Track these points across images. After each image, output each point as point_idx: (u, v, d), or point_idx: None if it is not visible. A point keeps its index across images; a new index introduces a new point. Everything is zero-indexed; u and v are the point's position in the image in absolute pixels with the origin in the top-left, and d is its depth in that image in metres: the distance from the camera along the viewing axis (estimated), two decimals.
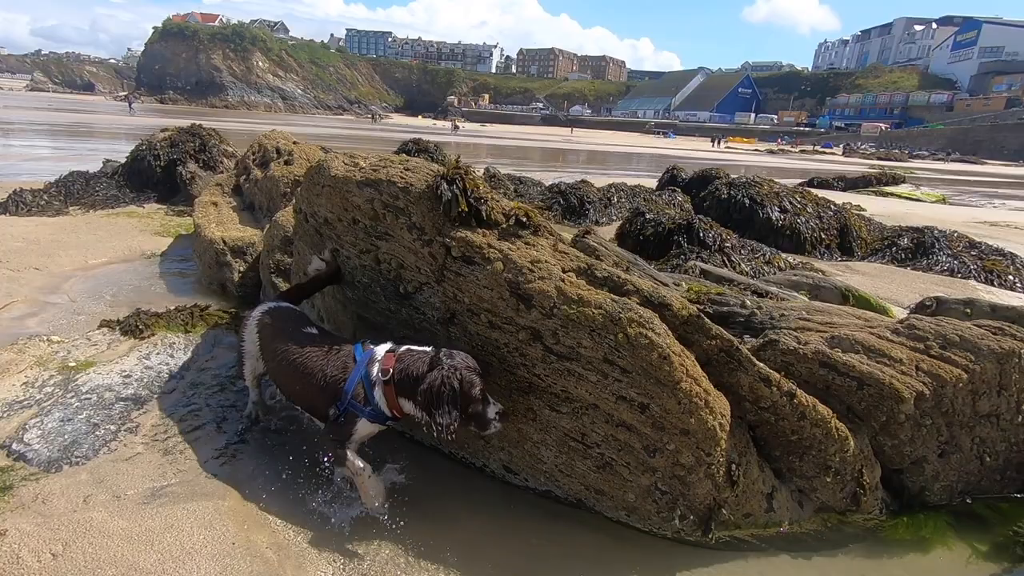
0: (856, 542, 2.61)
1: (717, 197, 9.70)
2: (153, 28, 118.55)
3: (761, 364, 2.30)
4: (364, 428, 2.31)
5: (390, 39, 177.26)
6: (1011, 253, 7.97)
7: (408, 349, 2.31)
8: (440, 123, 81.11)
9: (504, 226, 2.47)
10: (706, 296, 3.74)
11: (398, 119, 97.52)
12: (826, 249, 8.75)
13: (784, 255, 7.71)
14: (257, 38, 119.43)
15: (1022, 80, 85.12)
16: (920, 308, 4.79)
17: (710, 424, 2.14)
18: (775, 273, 6.34)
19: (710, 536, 2.38)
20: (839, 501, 2.60)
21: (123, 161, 9.97)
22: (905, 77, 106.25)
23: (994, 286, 7.13)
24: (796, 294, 5.26)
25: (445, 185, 2.41)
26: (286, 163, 5.95)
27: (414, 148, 11.70)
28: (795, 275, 5.97)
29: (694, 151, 47.28)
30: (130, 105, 54.34)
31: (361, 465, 2.30)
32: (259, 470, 2.60)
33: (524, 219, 2.45)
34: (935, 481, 2.75)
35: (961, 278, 7.37)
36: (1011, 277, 7.27)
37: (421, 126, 65.20)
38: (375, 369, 2.27)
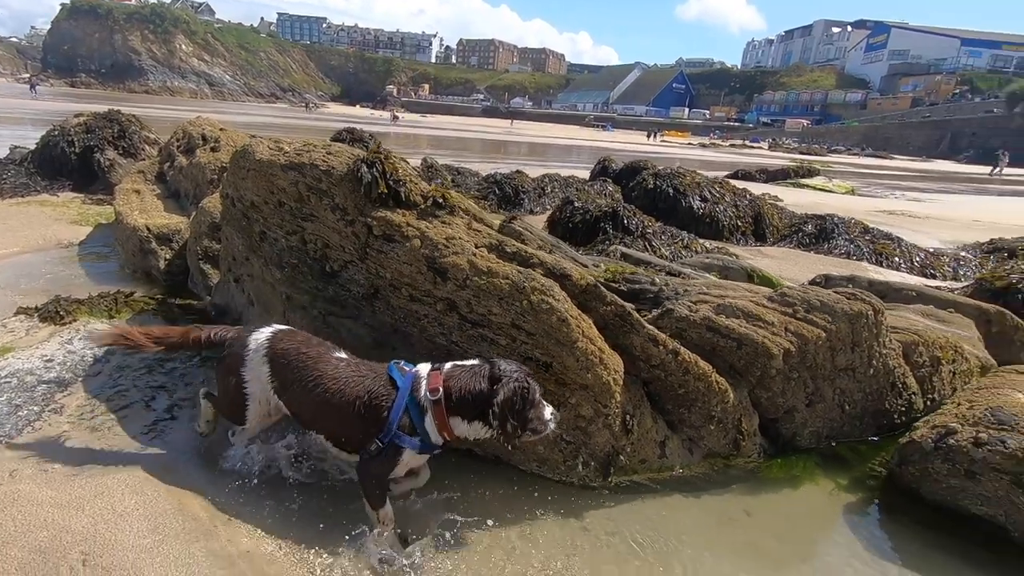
0: (739, 482, 3.00)
1: (644, 187, 10.22)
2: (60, 5, 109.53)
3: (651, 327, 2.63)
4: (409, 460, 2.16)
5: (325, 25, 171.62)
6: (898, 237, 8.88)
7: (455, 365, 2.19)
8: (378, 113, 79.56)
9: (423, 206, 2.68)
10: (621, 275, 4.07)
11: (334, 108, 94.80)
12: (742, 235, 9.43)
13: (702, 240, 8.28)
14: (179, 19, 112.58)
15: (925, 81, 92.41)
16: (812, 284, 5.34)
17: (605, 379, 2.44)
18: (691, 256, 6.84)
19: (610, 480, 2.70)
20: (723, 447, 2.99)
21: (33, 148, 9.41)
22: (824, 76, 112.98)
23: (882, 266, 7.96)
24: (707, 275, 5.73)
25: (365, 168, 2.58)
26: (212, 150, 5.88)
27: (348, 138, 11.62)
28: (707, 258, 6.47)
29: (631, 144, 48.64)
30: (32, 88, 50.19)
31: (392, 516, 2.18)
32: (189, 443, 2.70)
33: (441, 200, 2.66)
34: (804, 427, 3.19)
35: (856, 259, 8.18)
36: (896, 258, 8.13)
37: (359, 116, 63.70)
38: (422, 391, 2.12)
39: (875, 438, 3.43)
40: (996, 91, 74.65)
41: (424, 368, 2.20)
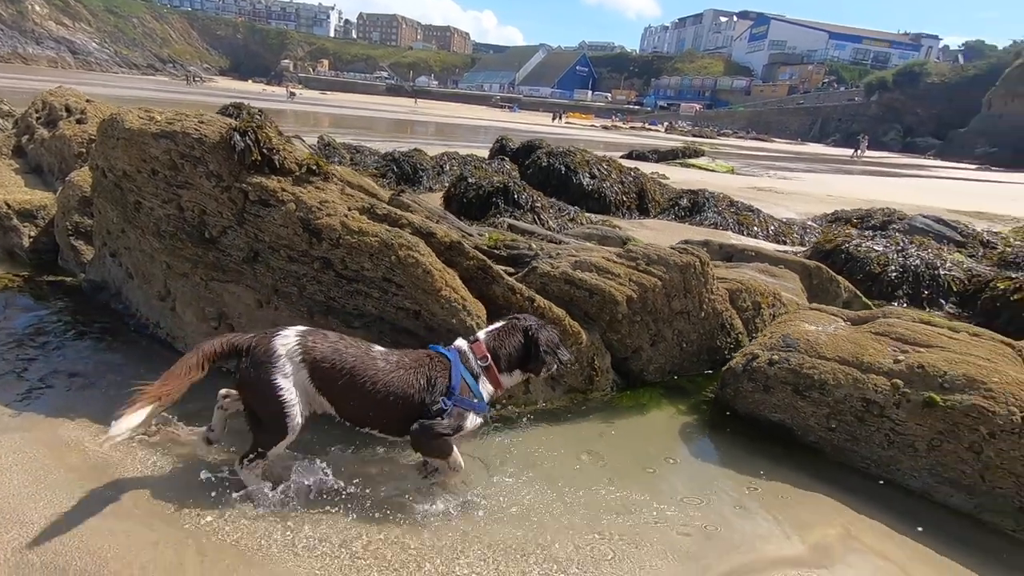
0: (595, 411, 3.49)
1: (539, 165, 10.71)
2: None
3: (509, 278, 3.01)
4: (471, 422, 2.41)
5: None
6: (758, 209, 10.02)
7: (487, 333, 2.52)
8: (273, 89, 75.05)
9: (297, 173, 2.87)
10: (502, 242, 4.43)
11: (223, 83, 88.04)
12: (627, 209, 10.19)
13: (589, 214, 8.91)
14: None
15: (800, 71, 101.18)
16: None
17: (469, 323, 2.79)
18: (575, 228, 7.40)
19: None
20: (580, 383, 3.46)
21: None
22: (714, 63, 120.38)
23: (743, 234, 8.99)
24: (587, 243, 6.27)
25: (238, 136, 2.73)
26: (78, 122, 5.56)
27: (235, 114, 11.10)
28: (588, 229, 7.05)
29: (537, 125, 49.45)
30: None
31: (462, 462, 2.45)
32: (66, 407, 2.75)
33: (315, 167, 2.87)
34: (650, 364, 3.75)
35: (722, 228, 9.16)
36: (755, 227, 9.21)
37: (250, 91, 59.74)
38: (473, 361, 2.42)
39: (710, 371, 4.07)
40: (857, 81, 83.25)
41: (462, 343, 2.48)
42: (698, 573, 2.22)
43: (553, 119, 66.95)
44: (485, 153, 14.25)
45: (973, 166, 43.65)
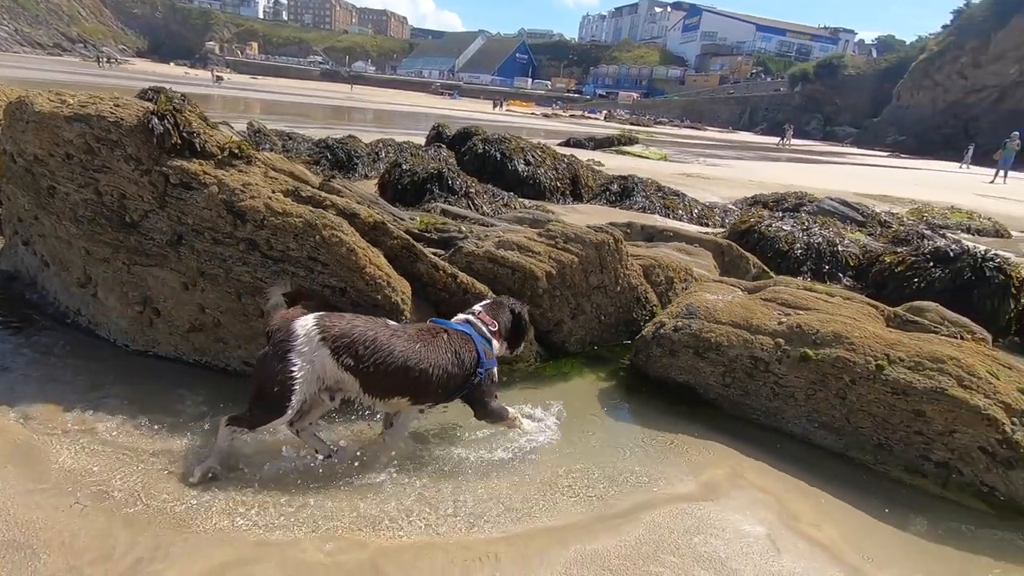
0: (521, 381, 3.72)
1: (475, 152, 10.85)
2: None
3: (433, 256, 3.19)
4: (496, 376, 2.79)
5: None
6: (683, 194, 10.58)
7: (483, 306, 2.87)
8: (196, 72, 71.10)
9: (220, 156, 2.92)
10: (433, 226, 4.58)
11: (141, 65, 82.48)
12: (561, 195, 10.51)
13: (523, 200, 9.16)
14: None
15: (730, 61, 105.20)
16: None
17: (394, 299, 2.95)
18: (509, 213, 7.62)
19: None
20: (505, 353, 3.68)
21: None
22: (650, 53, 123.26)
23: (669, 217, 9.49)
24: (518, 227, 6.49)
25: (156, 120, 2.76)
26: None
27: (155, 98, 10.62)
28: (521, 213, 7.29)
29: (477, 112, 49.30)
30: None
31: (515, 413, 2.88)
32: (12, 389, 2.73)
33: (237, 151, 2.93)
34: (571, 336, 4.02)
35: (649, 212, 9.63)
36: (680, 210, 9.73)
37: (172, 75, 56.43)
38: (484, 328, 2.75)
39: (628, 341, 4.39)
40: (782, 73, 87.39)
41: (468, 316, 2.79)
42: (603, 511, 2.49)
43: (494, 107, 66.83)
44: (423, 140, 14.23)
45: (884, 153, 46.99)
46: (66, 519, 2.06)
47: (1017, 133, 25.49)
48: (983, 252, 5.87)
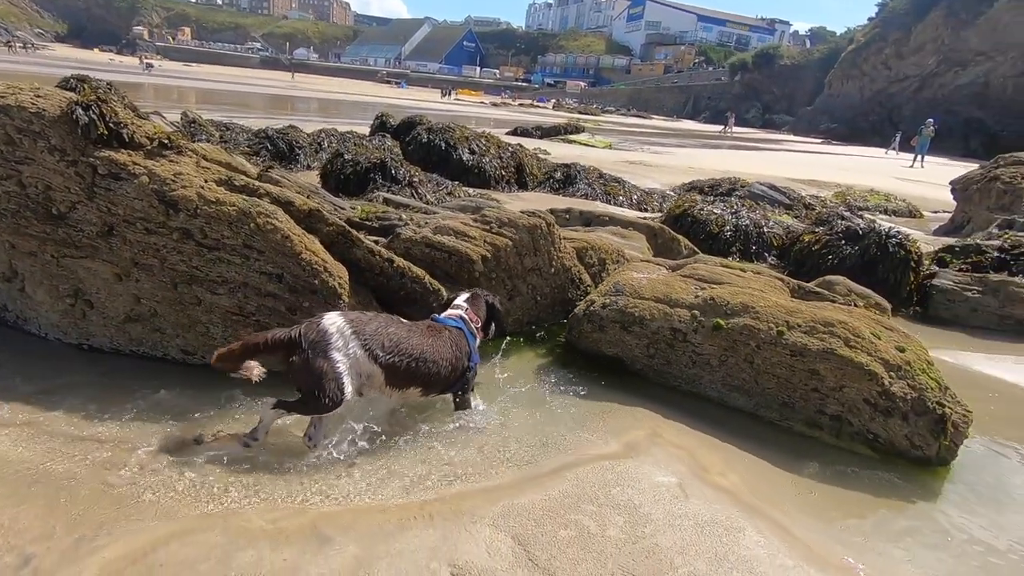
0: None
1: (419, 141, 10.87)
2: None
3: (369, 242, 3.31)
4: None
5: None
6: (624, 180, 10.95)
7: (470, 301, 3.14)
8: (123, 59, 67.15)
9: (149, 147, 2.94)
10: (373, 214, 4.67)
11: (62, 51, 77.07)
12: (506, 183, 10.68)
13: (467, 188, 9.28)
14: None
15: (674, 51, 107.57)
16: None
17: (331, 284, 3.06)
18: (452, 201, 7.74)
19: None
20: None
21: None
22: (596, 42, 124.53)
23: (610, 204, 9.83)
24: (461, 214, 6.62)
25: (81, 111, 2.75)
26: None
27: (78, 87, 10.12)
28: (464, 201, 7.43)
29: (426, 102, 48.72)
30: None
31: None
32: None
33: (167, 141, 2.95)
34: (509, 316, 4.21)
35: (591, 199, 9.94)
36: (620, 196, 10.08)
37: (96, 62, 53.11)
38: (472, 326, 3.03)
39: (564, 320, 4.62)
40: (723, 62, 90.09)
41: (458, 312, 3.05)
42: (532, 472, 2.71)
43: (443, 96, 66.10)
44: (368, 130, 14.08)
45: (818, 140, 49.34)
46: (4, 504, 2.10)
47: (931, 120, 27.37)
48: (887, 230, 6.42)
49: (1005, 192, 10.14)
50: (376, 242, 3.69)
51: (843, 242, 6.59)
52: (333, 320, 2.53)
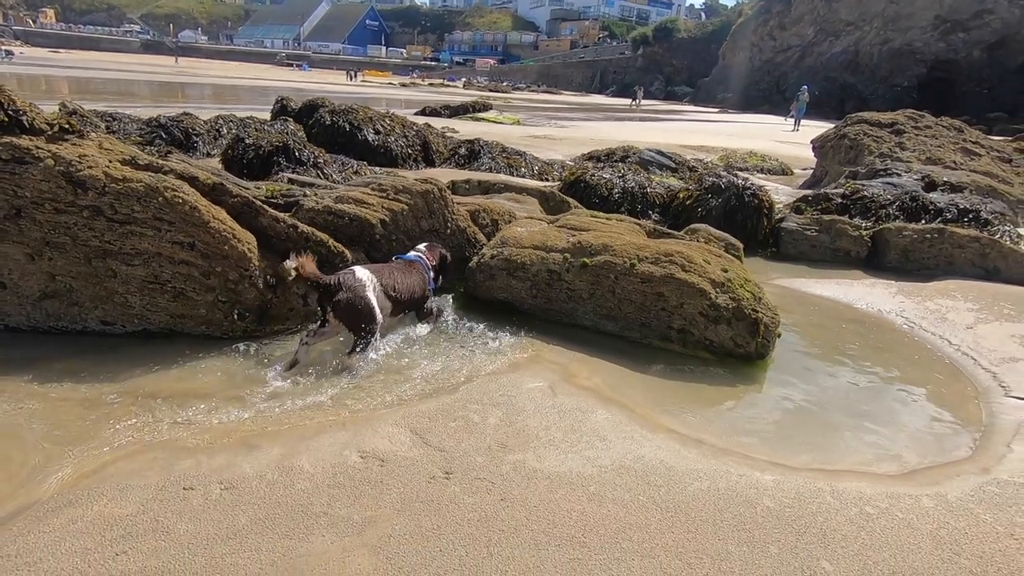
0: None
1: (323, 123, 10.93)
2: None
3: (273, 211, 3.68)
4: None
5: None
6: (525, 153, 11.58)
7: (427, 247, 4.19)
8: None
9: (50, 133, 3.16)
10: (279, 192, 4.97)
11: None
12: (413, 161, 10.99)
13: (374, 168, 9.56)
14: None
15: (579, 26, 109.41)
16: None
17: (240, 249, 3.43)
18: (359, 179, 8.04)
19: (266, 327, 3.75)
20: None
21: None
22: (503, 18, 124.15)
23: (513, 175, 10.44)
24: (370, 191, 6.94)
25: None
26: None
27: None
28: (368, 179, 7.72)
29: (332, 84, 47.02)
30: None
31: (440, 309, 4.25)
32: None
33: (67, 126, 3.18)
34: None
35: (495, 172, 10.50)
36: (523, 168, 10.71)
37: None
38: (429, 262, 4.06)
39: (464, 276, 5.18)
40: (626, 36, 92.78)
41: (417, 253, 4.07)
42: (430, 389, 3.26)
43: (349, 78, 63.95)
44: (269, 116, 13.83)
45: (715, 109, 52.44)
46: None
47: (806, 87, 30.08)
48: (743, 183, 7.44)
49: (851, 148, 11.71)
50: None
51: (709, 196, 7.56)
52: (362, 271, 3.53)
